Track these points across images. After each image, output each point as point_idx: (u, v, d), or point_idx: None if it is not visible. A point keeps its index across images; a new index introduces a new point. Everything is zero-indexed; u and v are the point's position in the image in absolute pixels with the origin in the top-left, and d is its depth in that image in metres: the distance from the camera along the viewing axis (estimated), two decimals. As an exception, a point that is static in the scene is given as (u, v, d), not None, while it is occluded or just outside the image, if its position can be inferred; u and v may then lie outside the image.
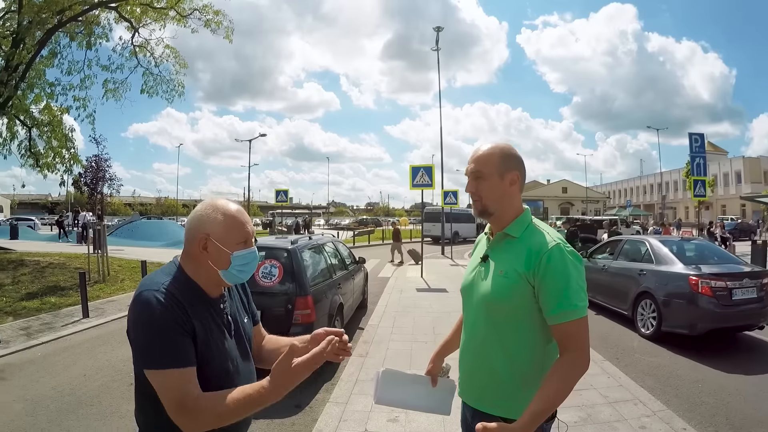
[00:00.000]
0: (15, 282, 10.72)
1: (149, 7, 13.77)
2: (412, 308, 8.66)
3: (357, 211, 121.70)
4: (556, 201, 75.01)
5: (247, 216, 1.50)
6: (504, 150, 1.59)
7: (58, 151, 13.88)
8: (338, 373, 5.29)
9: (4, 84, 11.73)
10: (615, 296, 8.07)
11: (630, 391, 4.57)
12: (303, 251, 5.93)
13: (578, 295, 1.44)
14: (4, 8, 13.46)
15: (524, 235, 1.55)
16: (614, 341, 6.70)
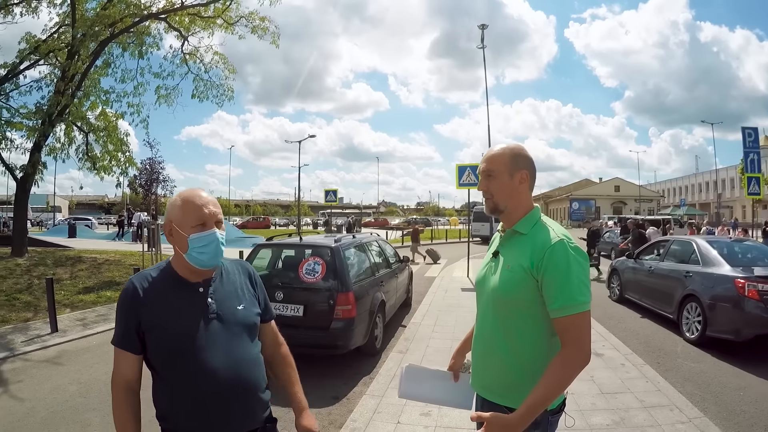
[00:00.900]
0: (73, 277, 11.45)
1: (197, 17, 14.34)
2: (456, 307, 8.74)
3: (407, 211, 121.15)
4: (609, 200, 72.56)
5: (207, 199, 1.58)
6: (514, 150, 1.67)
7: (114, 154, 14.50)
8: (377, 368, 5.50)
9: (61, 93, 12.50)
10: (661, 299, 7.88)
11: (667, 396, 4.49)
12: (346, 249, 6.13)
13: (579, 290, 1.48)
14: (58, 22, 14.30)
15: (532, 232, 1.62)
16: (657, 345, 6.59)
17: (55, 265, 12.44)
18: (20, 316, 7.98)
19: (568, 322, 1.48)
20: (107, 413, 4.32)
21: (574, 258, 1.51)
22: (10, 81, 14.08)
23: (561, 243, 1.53)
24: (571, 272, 1.49)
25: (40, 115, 12.89)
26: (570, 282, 1.48)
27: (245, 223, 53.44)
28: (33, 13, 14.33)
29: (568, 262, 1.50)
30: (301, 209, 72.65)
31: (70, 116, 13.53)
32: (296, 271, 5.84)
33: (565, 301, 1.47)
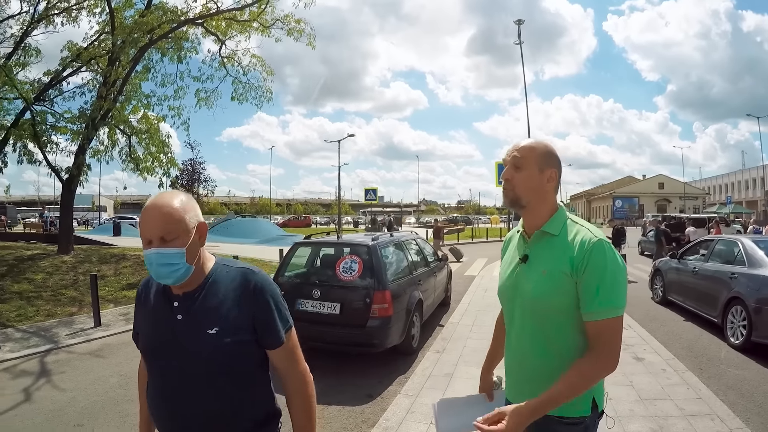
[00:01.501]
0: (117, 274, 11.82)
1: (233, 21, 14.56)
2: (495, 307, 8.51)
3: (448, 209, 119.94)
4: (653, 198, 70.46)
5: (151, 214, 1.37)
6: (548, 147, 1.60)
7: (156, 156, 14.84)
8: (413, 368, 5.41)
9: (103, 98, 12.94)
10: (705, 301, 7.47)
11: (709, 404, 4.23)
12: (383, 248, 6.09)
13: (617, 294, 1.42)
14: (98, 30, 14.77)
15: (564, 232, 1.53)
16: (700, 350, 6.24)
17: (100, 262, 12.84)
18: (65, 310, 8.28)
19: (604, 326, 1.41)
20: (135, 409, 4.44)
21: (613, 260, 1.44)
22: (54, 87, 14.73)
23: (601, 243, 1.46)
24: (612, 274, 1.42)
25: (84, 119, 13.40)
26: (611, 284, 1.42)
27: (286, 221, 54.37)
28: (74, 22, 14.96)
29: (610, 263, 1.43)
30: (342, 208, 73.39)
31: (112, 120, 14.02)
32: (333, 269, 5.85)
33: (603, 304, 1.41)
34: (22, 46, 15.46)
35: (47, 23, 14.92)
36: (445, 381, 4.80)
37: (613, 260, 1.43)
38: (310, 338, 5.68)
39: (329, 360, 5.66)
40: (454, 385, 4.65)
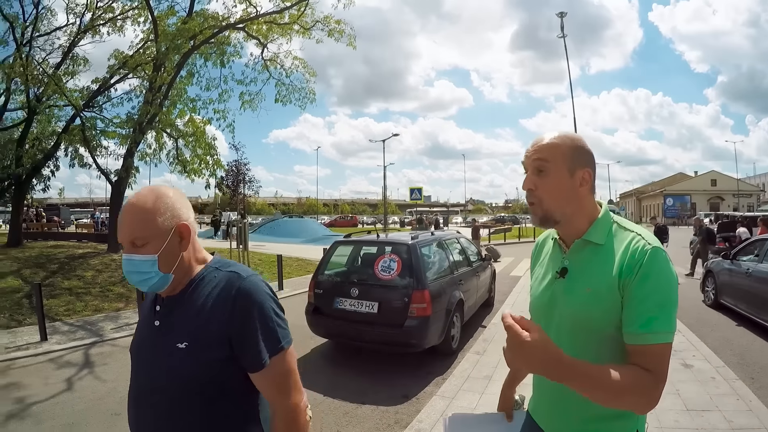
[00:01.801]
0: (165, 273, 12.08)
1: (274, 24, 14.82)
2: None
3: (495, 209, 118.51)
4: (705, 195, 66.91)
5: (122, 217, 1.23)
6: (576, 142, 1.28)
7: (202, 158, 15.31)
8: (451, 369, 5.27)
9: (149, 103, 13.46)
10: (758, 305, 6.91)
11: (759, 417, 3.89)
12: (423, 247, 5.98)
13: (669, 315, 1.15)
14: (143, 38, 15.41)
15: (610, 240, 1.26)
16: (753, 358, 5.75)
17: (148, 261, 13.20)
18: (112, 306, 8.61)
19: (656, 351, 1.13)
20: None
21: (671, 273, 1.18)
22: (103, 94, 15.46)
23: (657, 252, 1.18)
24: (667, 290, 1.16)
25: (131, 123, 13.95)
26: (664, 302, 1.14)
27: (333, 221, 55.07)
28: (119, 31, 15.70)
29: (665, 277, 1.16)
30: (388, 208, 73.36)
31: (159, 124, 14.52)
32: (372, 267, 5.79)
33: (653, 325, 1.12)
34: (70, 56, 16.37)
35: (93, 33, 15.72)
36: (483, 384, 4.65)
37: (669, 274, 1.17)
38: (348, 337, 5.69)
39: (366, 359, 5.62)
40: (492, 388, 4.48)
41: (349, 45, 15.27)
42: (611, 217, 1.31)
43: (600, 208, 1.32)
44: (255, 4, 14.39)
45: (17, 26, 16.20)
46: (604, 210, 1.31)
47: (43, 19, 16.83)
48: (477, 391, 4.42)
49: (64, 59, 16.22)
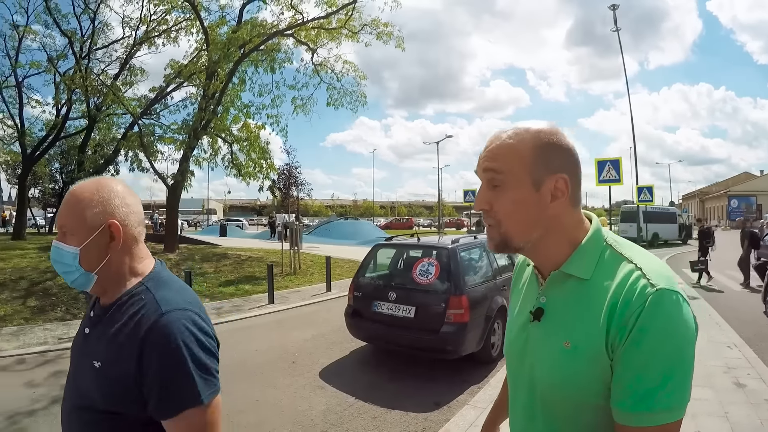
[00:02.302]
0: (216, 271, 12.61)
1: (322, 29, 15.13)
2: None
3: None
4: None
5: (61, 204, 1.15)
6: (542, 137, 0.92)
7: (257, 161, 15.85)
8: (488, 378, 5.14)
9: (203, 110, 14.06)
10: None
11: None
12: (464, 251, 5.88)
13: (678, 386, 0.80)
14: (196, 48, 16.17)
15: (600, 273, 0.90)
16: None
17: (202, 260, 13.82)
18: None
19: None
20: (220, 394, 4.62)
21: (685, 325, 0.82)
22: (160, 102, 16.28)
23: (662, 297, 0.82)
24: (679, 354, 0.81)
25: (187, 129, 14.58)
26: (675, 371, 0.80)
27: (389, 223, 55.52)
28: (173, 42, 16.69)
29: (677, 336, 0.81)
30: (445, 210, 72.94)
31: (213, 129, 15.09)
32: (411, 271, 5.74)
33: (658, 402, 0.80)
34: (128, 67, 17.42)
35: (149, 45, 16.79)
36: None
37: (678, 329, 0.81)
38: (385, 341, 5.70)
39: (402, 364, 5.58)
40: None
41: (398, 47, 15.39)
42: (603, 238, 0.95)
43: (589, 224, 0.97)
44: (301, 11, 14.77)
45: (75, 41, 17.59)
46: (594, 229, 0.96)
47: (100, 33, 18.30)
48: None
49: (121, 70, 17.37)
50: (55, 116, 20.39)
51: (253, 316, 8.33)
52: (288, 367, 5.63)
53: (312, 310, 9.00)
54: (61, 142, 22.48)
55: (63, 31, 17.65)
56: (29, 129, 21.82)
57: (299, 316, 8.51)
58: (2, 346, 6.35)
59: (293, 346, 6.48)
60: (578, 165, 0.95)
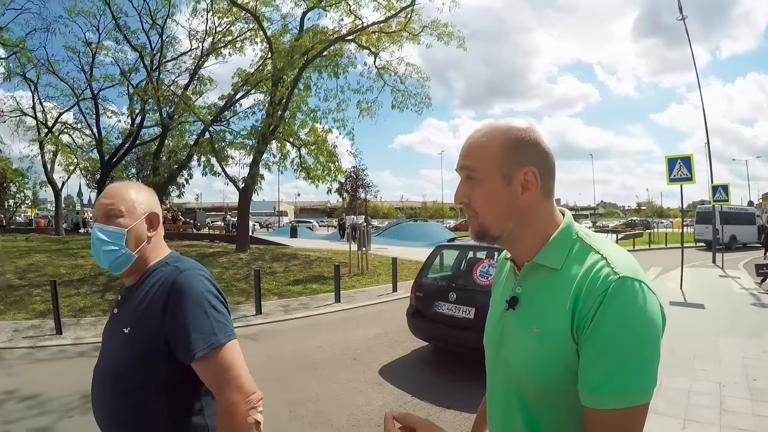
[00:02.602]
0: (286, 270, 13.11)
1: (382, 33, 15.33)
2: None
3: (627, 212, 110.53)
4: None
5: (106, 192, 1.37)
6: (511, 134, 0.98)
7: (325, 164, 16.30)
8: None
9: (271, 116, 14.63)
10: None
11: None
12: None
13: (643, 371, 0.84)
14: (262, 56, 16.92)
15: (570, 264, 0.95)
16: None
17: (272, 260, 14.43)
18: (234, 299, 9.51)
19: (616, 417, 0.83)
20: (282, 385, 4.86)
21: (647, 311, 0.85)
22: (229, 109, 17.17)
23: (624, 284, 0.86)
24: (637, 338, 0.83)
25: (256, 135, 15.24)
26: (633, 356, 0.83)
27: (458, 225, 55.26)
28: (239, 52, 17.61)
29: (637, 318, 0.84)
30: (519, 210, 70.49)
31: (281, 134, 15.68)
32: (471, 272, 5.74)
33: (615, 386, 0.82)
34: (197, 77, 18.52)
35: (216, 55, 17.81)
36: None
37: (638, 314, 0.84)
38: (444, 341, 5.74)
39: (462, 364, 5.57)
40: None
41: (459, 47, 15.32)
42: (574, 231, 1.00)
43: (562, 218, 1.02)
44: (360, 16, 15.04)
45: (146, 55, 19.13)
46: (566, 222, 1.01)
47: (169, 46, 19.83)
48: None
49: (191, 80, 18.57)
50: (130, 125, 22.43)
51: (319, 314, 8.61)
52: (349, 364, 5.77)
53: (377, 309, 9.15)
54: (137, 149, 24.47)
55: (133, 46, 19.31)
56: (106, 137, 24.20)
57: (364, 315, 8.68)
58: (82, 335, 7.03)
59: (356, 343, 6.63)
60: (547, 158, 1.00)
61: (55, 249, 16.05)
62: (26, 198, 34.69)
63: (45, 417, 4.21)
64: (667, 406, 4.01)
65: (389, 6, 14.68)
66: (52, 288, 7.34)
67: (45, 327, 7.39)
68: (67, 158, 26.40)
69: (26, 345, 6.46)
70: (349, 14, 15.04)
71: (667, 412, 3.90)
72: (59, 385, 4.94)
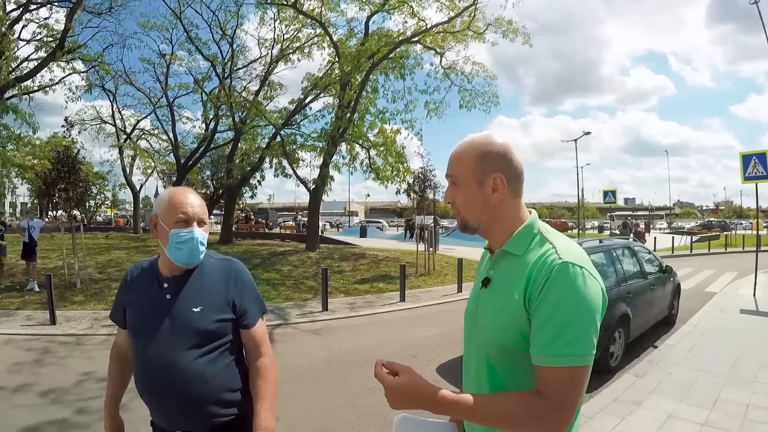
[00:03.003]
0: (354, 269, 13.49)
1: (447, 33, 15.32)
2: (724, 332, 6.97)
3: (705, 212, 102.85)
4: None
5: (190, 199, 1.62)
6: (480, 147, 1.24)
7: (394, 165, 16.58)
8: (601, 389, 4.84)
9: (340, 118, 15.09)
10: None
11: None
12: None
13: (573, 336, 1.04)
14: (329, 61, 17.44)
15: (529, 251, 1.19)
16: None
17: (341, 259, 14.90)
18: (301, 296, 9.99)
19: (555, 375, 1.05)
20: (342, 378, 5.17)
21: (579, 289, 1.06)
22: (299, 113, 17.84)
23: (566, 267, 1.08)
24: (571, 308, 1.05)
25: (325, 137, 15.74)
26: (572, 323, 1.05)
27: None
28: (308, 57, 18.22)
29: (570, 293, 1.06)
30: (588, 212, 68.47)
31: (350, 136, 16.09)
32: None
33: (556, 348, 1.04)
34: (267, 83, 19.38)
35: (285, 61, 18.53)
36: (628, 408, 4.18)
37: (579, 291, 1.06)
38: None
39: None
40: (636, 416, 4.01)
41: (525, 44, 15.02)
42: (536, 227, 1.24)
43: (528, 215, 1.27)
44: (424, 17, 15.11)
45: (217, 64, 20.29)
46: (530, 220, 1.25)
47: (239, 55, 20.80)
48: (618, 415, 4.02)
49: (262, 86, 19.52)
50: (204, 130, 23.92)
51: (384, 312, 8.82)
52: (408, 361, 5.84)
53: (440, 309, 9.20)
54: (211, 153, 25.97)
55: (205, 56, 20.55)
56: (182, 142, 26.25)
57: (427, 314, 8.76)
58: None
59: (417, 341, 6.75)
60: (512, 164, 1.25)
61: (133, 246, 17.68)
62: (106, 199, 37.72)
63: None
64: (721, 419, 3.82)
65: (452, 6, 14.68)
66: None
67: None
68: (145, 162, 28.91)
69: (104, 333, 7.08)
70: (413, 16, 15.19)
71: (721, 424, 3.73)
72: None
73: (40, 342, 6.64)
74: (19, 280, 10.84)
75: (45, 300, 8.11)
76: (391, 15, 16.15)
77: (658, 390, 4.59)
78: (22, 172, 25.41)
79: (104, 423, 1.81)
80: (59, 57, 14.27)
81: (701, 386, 4.67)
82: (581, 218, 41.23)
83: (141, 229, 27.74)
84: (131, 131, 26.87)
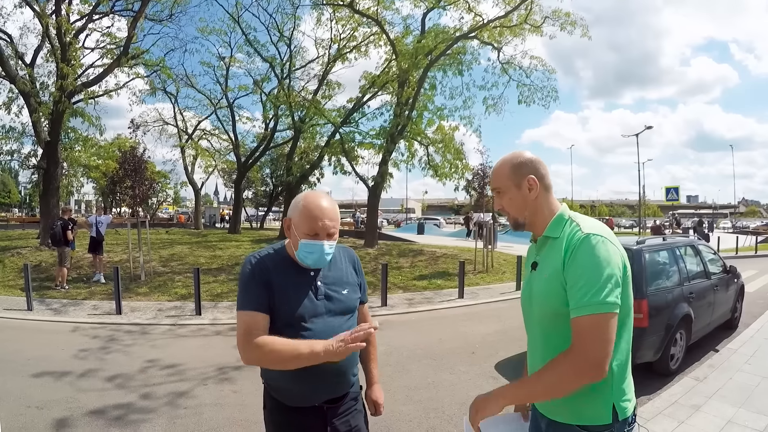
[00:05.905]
0: (412, 266, 13.65)
1: (504, 28, 15.11)
2: None
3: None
4: None
5: (326, 212, 1.69)
6: (512, 161, 1.59)
7: (452, 162, 16.59)
8: (660, 391, 4.79)
9: (398, 116, 15.17)
10: None
11: None
12: (649, 253, 5.56)
13: (598, 288, 1.32)
14: (386, 59, 17.58)
15: (563, 233, 1.50)
16: None
17: (399, 255, 15.11)
18: None
19: (583, 322, 1.33)
20: (401, 372, 5.41)
21: (600, 252, 1.37)
22: (357, 111, 18.11)
23: (588, 237, 1.41)
24: (594, 267, 1.35)
25: (384, 135, 15.92)
26: (591, 278, 1.34)
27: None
28: (365, 56, 18.41)
29: (592, 256, 1.37)
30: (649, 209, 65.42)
31: (409, 133, 16.20)
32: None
33: (583, 298, 1.33)
34: (325, 82, 19.76)
35: (342, 60, 18.83)
36: (687, 413, 4.12)
37: (597, 253, 1.37)
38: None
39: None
40: (695, 419, 3.96)
41: (583, 36, 14.63)
42: (566, 214, 1.55)
43: (560, 206, 1.59)
44: (480, 12, 15.00)
45: (276, 65, 20.87)
46: (561, 209, 1.57)
47: (297, 55, 21.35)
48: (677, 419, 3.99)
49: (320, 86, 19.99)
50: (264, 129, 24.82)
51: (442, 308, 8.95)
52: (467, 357, 5.99)
53: (499, 306, 9.21)
54: (271, 151, 26.89)
55: (264, 57, 21.27)
56: (242, 141, 27.33)
57: (486, 311, 8.82)
58: (219, 316, 8.12)
59: (475, 338, 6.85)
60: (540, 166, 1.58)
61: (195, 242, 18.53)
62: (168, 197, 39.66)
63: (183, 383, 4.95)
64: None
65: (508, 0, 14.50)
66: (195, 275, 8.43)
67: (185, 308, 8.61)
68: (206, 161, 30.10)
69: (168, 323, 7.56)
70: (469, 11, 15.11)
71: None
72: (196, 357, 5.83)
73: (105, 330, 7.14)
74: (85, 272, 11.69)
75: (110, 291, 8.71)
76: (447, 11, 16.19)
77: (718, 395, 4.50)
78: (87, 172, 27.16)
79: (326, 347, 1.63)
80: (123, 63, 15.33)
81: (763, 392, 4.55)
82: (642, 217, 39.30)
83: (202, 225, 28.94)
84: (192, 131, 28.09)
